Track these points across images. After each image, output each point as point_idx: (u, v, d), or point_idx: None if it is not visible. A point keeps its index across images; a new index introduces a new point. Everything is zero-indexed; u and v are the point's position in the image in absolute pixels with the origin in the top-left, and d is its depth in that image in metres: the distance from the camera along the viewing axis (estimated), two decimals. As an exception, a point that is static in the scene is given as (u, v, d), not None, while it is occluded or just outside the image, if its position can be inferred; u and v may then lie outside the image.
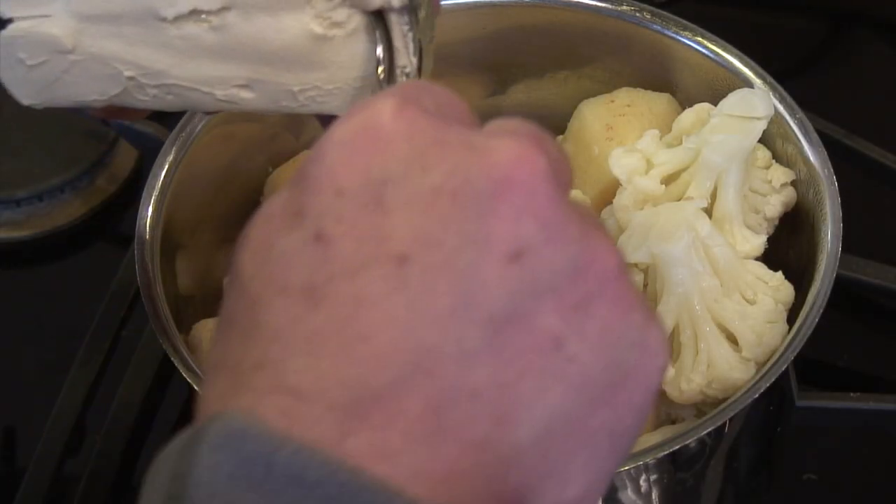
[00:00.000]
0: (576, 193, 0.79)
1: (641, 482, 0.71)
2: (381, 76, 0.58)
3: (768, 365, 0.69)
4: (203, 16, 0.58)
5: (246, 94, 0.60)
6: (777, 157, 0.77)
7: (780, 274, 0.74)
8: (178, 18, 0.58)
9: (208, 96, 0.61)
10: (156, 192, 0.76)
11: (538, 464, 0.40)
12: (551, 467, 0.41)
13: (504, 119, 0.43)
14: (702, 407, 0.72)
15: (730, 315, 0.71)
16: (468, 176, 0.40)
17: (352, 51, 0.59)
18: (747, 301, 0.72)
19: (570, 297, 0.40)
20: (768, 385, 0.67)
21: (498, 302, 0.39)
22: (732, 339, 0.71)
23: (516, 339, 0.40)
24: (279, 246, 0.41)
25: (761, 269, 0.74)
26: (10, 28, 0.58)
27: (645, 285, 0.73)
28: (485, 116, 0.44)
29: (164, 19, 0.58)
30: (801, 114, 0.77)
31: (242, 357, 0.40)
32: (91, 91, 0.60)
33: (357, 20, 0.58)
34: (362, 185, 0.40)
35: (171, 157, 0.77)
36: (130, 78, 0.60)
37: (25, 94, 0.60)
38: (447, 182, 0.40)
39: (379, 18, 0.58)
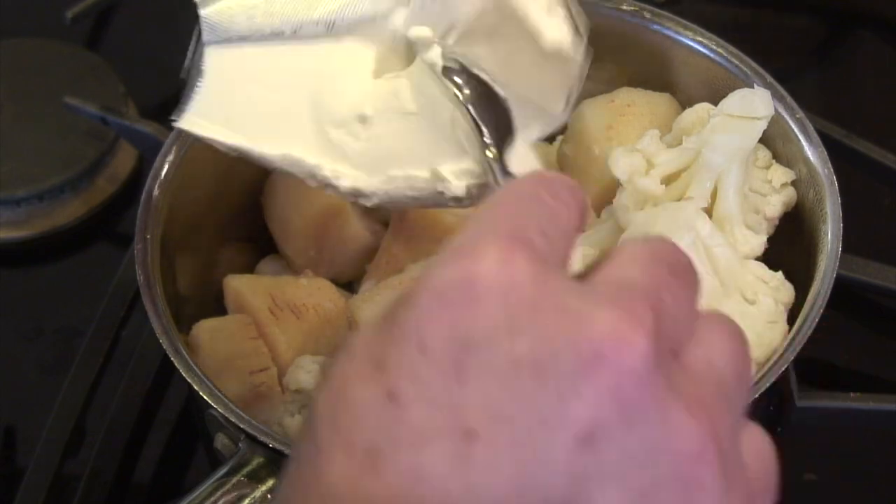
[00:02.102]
0: None
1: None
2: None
3: (768, 365, 0.68)
4: None
5: None
6: (777, 157, 0.77)
7: (780, 274, 0.74)
8: None
9: None
10: (156, 193, 0.76)
11: None
12: None
13: (630, 248, 0.41)
14: (702, 407, 0.72)
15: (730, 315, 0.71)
16: (555, 349, 0.38)
17: None
18: (747, 301, 0.72)
19: (636, 484, 0.38)
20: (768, 385, 0.67)
21: (558, 488, 0.37)
22: (733, 340, 0.71)
23: None
24: (352, 395, 0.39)
25: (761, 269, 0.74)
26: None
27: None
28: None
29: None
30: (801, 114, 0.77)
31: None
32: None
33: None
34: (445, 344, 0.38)
35: (171, 157, 0.77)
36: None
37: None
38: (532, 353, 0.38)
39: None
